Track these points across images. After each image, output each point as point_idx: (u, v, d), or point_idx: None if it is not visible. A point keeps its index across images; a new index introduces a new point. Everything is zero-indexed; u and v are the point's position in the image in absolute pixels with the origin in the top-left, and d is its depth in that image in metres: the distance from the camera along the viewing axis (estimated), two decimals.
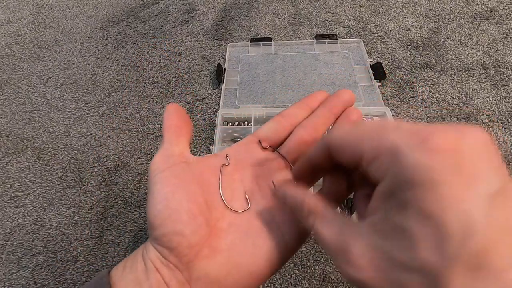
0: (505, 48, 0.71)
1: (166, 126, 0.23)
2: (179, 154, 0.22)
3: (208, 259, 0.20)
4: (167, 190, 0.20)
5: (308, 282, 0.45)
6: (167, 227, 0.19)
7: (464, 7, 0.81)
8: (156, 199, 0.20)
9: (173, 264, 0.19)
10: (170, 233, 0.19)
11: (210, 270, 0.19)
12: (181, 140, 0.23)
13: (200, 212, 0.20)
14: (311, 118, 0.24)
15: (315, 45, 0.75)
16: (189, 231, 0.19)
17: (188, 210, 0.20)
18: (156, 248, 0.20)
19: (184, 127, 0.24)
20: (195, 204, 0.20)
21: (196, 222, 0.20)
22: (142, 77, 0.73)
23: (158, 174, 0.21)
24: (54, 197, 0.55)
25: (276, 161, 0.24)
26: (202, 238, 0.20)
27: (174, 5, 0.89)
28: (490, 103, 0.62)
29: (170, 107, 0.24)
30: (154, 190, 0.20)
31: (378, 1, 0.85)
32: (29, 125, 0.65)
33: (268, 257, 0.20)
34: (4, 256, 0.50)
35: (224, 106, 0.65)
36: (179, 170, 0.21)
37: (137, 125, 0.64)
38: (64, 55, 0.78)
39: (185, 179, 0.21)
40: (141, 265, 0.20)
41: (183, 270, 0.19)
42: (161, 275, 0.19)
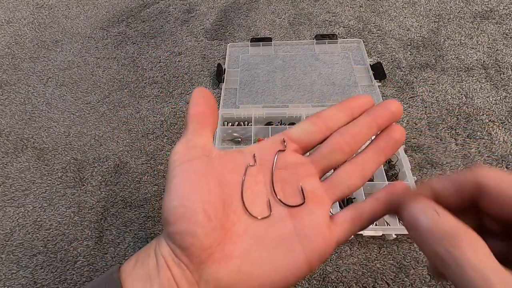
0: (505, 48, 0.71)
1: (192, 114, 0.21)
2: (202, 146, 0.21)
3: (220, 264, 0.19)
4: (185, 186, 0.19)
5: (308, 282, 0.45)
6: (181, 226, 0.18)
7: (464, 7, 0.81)
8: (173, 194, 0.19)
9: (184, 264, 0.19)
10: (183, 232, 0.18)
11: (220, 275, 0.18)
12: (206, 131, 0.21)
13: (215, 214, 0.19)
14: (352, 125, 0.21)
15: (315, 45, 0.75)
16: (202, 233, 0.18)
17: (204, 212, 0.18)
18: (169, 244, 0.19)
19: (210, 116, 0.21)
20: (211, 205, 0.19)
21: (210, 225, 0.18)
22: (142, 77, 0.73)
23: (178, 166, 0.20)
24: (54, 197, 0.55)
25: (305, 166, 0.21)
26: (215, 242, 0.19)
27: (174, 5, 0.89)
28: (490, 103, 0.62)
29: (198, 92, 0.21)
30: (172, 184, 0.19)
31: (378, 1, 0.85)
32: (29, 125, 0.65)
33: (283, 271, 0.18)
34: (4, 256, 0.50)
35: (224, 106, 0.65)
36: (200, 164, 0.20)
37: (137, 125, 0.64)
38: (64, 55, 0.78)
39: (205, 175, 0.19)
40: (152, 260, 0.19)
41: (194, 271, 0.19)
42: (171, 273, 0.19)
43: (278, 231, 0.19)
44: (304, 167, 0.21)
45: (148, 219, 0.53)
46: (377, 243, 0.48)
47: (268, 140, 0.22)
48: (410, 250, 0.47)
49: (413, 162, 0.55)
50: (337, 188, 0.21)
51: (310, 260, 0.18)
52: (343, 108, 0.22)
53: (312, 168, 0.21)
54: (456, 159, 0.55)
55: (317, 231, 0.19)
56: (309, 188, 0.20)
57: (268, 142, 0.22)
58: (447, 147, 0.57)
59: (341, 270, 0.46)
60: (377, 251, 0.47)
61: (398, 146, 0.21)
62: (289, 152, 0.21)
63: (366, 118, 0.21)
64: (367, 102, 0.22)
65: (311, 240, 0.19)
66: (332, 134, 0.21)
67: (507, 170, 0.53)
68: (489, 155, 0.55)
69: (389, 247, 0.47)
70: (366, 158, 0.21)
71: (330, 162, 0.21)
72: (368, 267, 0.46)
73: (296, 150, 0.22)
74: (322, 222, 0.19)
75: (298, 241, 0.19)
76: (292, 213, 0.20)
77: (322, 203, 0.20)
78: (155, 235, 0.51)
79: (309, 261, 0.18)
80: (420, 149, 0.57)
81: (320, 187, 0.21)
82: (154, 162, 0.59)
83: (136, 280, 0.19)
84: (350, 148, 0.21)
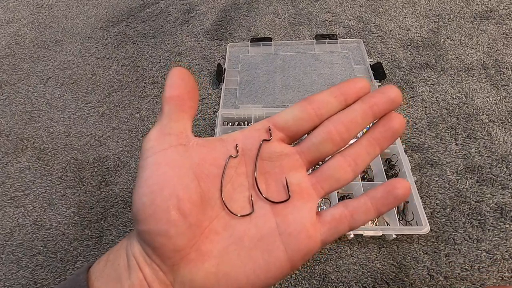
0: (505, 48, 0.71)
1: (167, 97, 0.19)
2: (178, 133, 0.19)
3: (195, 265, 0.17)
4: (156, 180, 0.17)
5: (308, 282, 0.45)
6: (151, 224, 0.17)
7: (464, 7, 0.81)
8: (143, 189, 0.17)
9: (156, 264, 0.17)
10: (153, 232, 0.17)
11: (196, 277, 0.17)
12: (183, 116, 0.19)
13: (191, 211, 0.17)
14: (346, 112, 0.19)
15: (315, 45, 0.75)
16: (175, 232, 0.17)
17: (177, 209, 0.17)
18: (140, 243, 0.18)
19: (188, 99, 0.19)
20: (186, 202, 0.17)
21: (185, 223, 0.17)
22: (142, 77, 0.73)
23: (149, 157, 0.18)
24: (54, 197, 0.55)
25: (291, 157, 0.19)
26: (190, 241, 0.17)
27: (174, 5, 0.89)
28: (490, 103, 0.62)
29: (175, 72, 0.19)
30: (142, 177, 0.17)
31: (378, 1, 0.85)
32: (29, 125, 0.65)
33: (263, 272, 0.17)
34: (4, 256, 0.50)
35: (224, 106, 0.65)
36: (175, 155, 0.18)
37: (137, 125, 0.64)
38: (64, 55, 0.78)
39: (180, 167, 0.17)
40: (123, 261, 0.18)
41: (167, 272, 0.17)
42: (143, 274, 0.17)
43: (259, 229, 0.18)
44: (290, 158, 0.19)
45: None
46: (377, 243, 0.48)
47: (252, 127, 0.20)
48: (410, 250, 0.47)
49: (413, 162, 0.55)
50: (325, 182, 0.19)
51: (292, 260, 0.17)
52: (337, 93, 0.19)
53: (299, 159, 0.19)
54: (456, 159, 0.55)
55: (301, 230, 0.17)
56: (294, 182, 0.19)
57: (252, 130, 0.20)
58: (447, 147, 0.57)
59: (341, 270, 0.46)
60: (377, 251, 0.47)
61: (396, 136, 0.19)
62: (274, 141, 0.19)
63: (361, 105, 0.19)
64: (363, 87, 0.19)
65: (294, 239, 0.17)
66: (323, 122, 0.19)
67: (507, 170, 0.53)
68: (489, 155, 0.55)
69: (389, 247, 0.47)
70: (359, 150, 0.19)
71: (319, 153, 0.19)
72: (368, 267, 0.46)
73: (283, 139, 0.19)
74: (307, 219, 0.18)
75: (280, 240, 0.17)
76: (275, 210, 0.18)
77: (308, 199, 0.18)
78: None
79: (292, 261, 0.17)
80: (420, 149, 0.57)
81: (307, 181, 0.19)
82: None
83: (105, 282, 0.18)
84: (341, 138, 0.19)
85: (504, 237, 0.47)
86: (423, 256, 0.46)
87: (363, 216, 0.18)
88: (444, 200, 0.51)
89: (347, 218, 0.18)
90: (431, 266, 0.45)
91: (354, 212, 0.18)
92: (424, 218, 0.46)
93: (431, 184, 0.53)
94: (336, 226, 0.18)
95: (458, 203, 0.50)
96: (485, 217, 0.49)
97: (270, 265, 0.17)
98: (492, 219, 0.49)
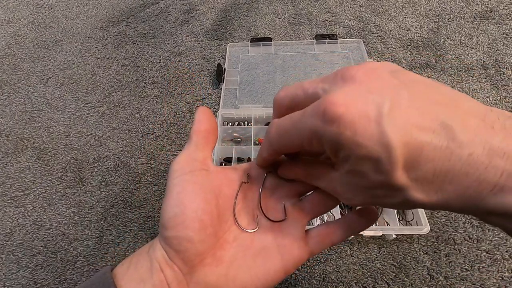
0: (505, 48, 0.71)
1: (196, 129, 0.23)
2: (202, 160, 0.23)
3: (210, 268, 0.21)
4: (186, 195, 0.21)
5: (308, 282, 0.45)
6: (179, 231, 0.20)
7: (464, 7, 0.81)
8: (174, 201, 0.21)
9: (177, 266, 0.21)
10: (180, 237, 0.20)
11: (209, 278, 0.21)
12: (207, 147, 0.24)
13: (211, 224, 0.21)
14: None
15: (315, 45, 0.75)
16: (198, 239, 0.21)
17: (201, 220, 0.21)
18: (164, 247, 0.21)
19: (212, 135, 0.24)
20: (208, 215, 0.21)
21: (206, 232, 0.21)
22: (142, 77, 0.73)
23: (180, 176, 0.22)
24: (54, 197, 0.55)
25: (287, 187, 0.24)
26: (209, 248, 0.21)
27: (174, 5, 0.89)
28: (490, 103, 0.62)
29: (203, 111, 0.24)
30: (174, 192, 0.21)
31: (378, 1, 0.85)
32: (29, 125, 0.65)
33: (263, 276, 0.21)
34: (4, 256, 0.50)
35: (224, 106, 0.65)
36: (200, 177, 0.22)
37: (137, 125, 0.64)
38: (64, 55, 0.78)
39: (204, 187, 0.22)
40: (146, 263, 0.21)
41: (186, 273, 0.21)
42: (164, 275, 0.21)
43: (261, 241, 0.22)
44: (286, 188, 0.24)
45: (148, 219, 0.53)
46: (377, 243, 0.48)
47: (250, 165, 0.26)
48: (410, 250, 0.47)
49: None
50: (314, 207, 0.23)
51: (286, 267, 0.22)
52: None
53: (293, 189, 0.24)
54: None
55: (293, 243, 0.22)
56: (289, 206, 0.23)
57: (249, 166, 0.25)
58: None
59: (341, 270, 0.46)
60: (377, 251, 0.47)
61: None
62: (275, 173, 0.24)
63: None
64: None
65: (288, 250, 0.22)
66: None
67: None
68: None
69: (389, 247, 0.47)
70: None
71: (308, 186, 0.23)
72: (368, 267, 0.46)
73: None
74: (298, 235, 0.22)
75: (278, 251, 0.22)
76: (274, 227, 0.23)
77: (299, 219, 0.23)
78: (155, 235, 0.51)
79: (286, 267, 0.22)
80: None
81: (298, 206, 0.23)
82: (154, 162, 0.59)
83: (129, 281, 0.21)
84: None
85: (504, 237, 0.47)
86: (423, 256, 0.46)
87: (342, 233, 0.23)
88: None
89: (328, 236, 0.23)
90: (431, 266, 0.45)
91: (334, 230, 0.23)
92: (424, 218, 0.46)
93: None
94: (321, 241, 0.23)
95: None
96: None
97: (270, 270, 0.21)
98: None
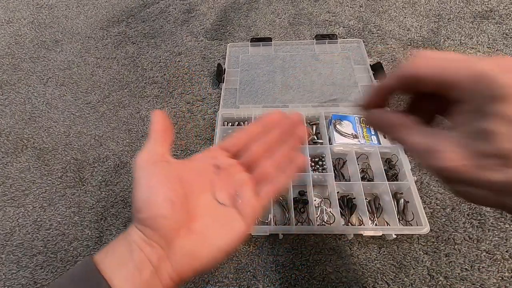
0: (505, 48, 0.71)
1: (154, 129, 0.28)
2: (162, 154, 0.27)
3: (185, 238, 0.25)
4: (154, 182, 0.25)
5: (308, 282, 0.45)
6: (154, 211, 0.24)
7: (464, 7, 0.81)
8: (145, 188, 0.25)
9: (155, 242, 0.24)
10: (156, 216, 0.24)
11: (186, 246, 0.25)
12: (165, 143, 0.28)
13: (180, 201, 0.25)
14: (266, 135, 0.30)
15: (315, 45, 0.75)
16: (171, 215, 0.24)
17: (171, 199, 0.25)
18: (140, 229, 0.24)
19: (168, 133, 0.29)
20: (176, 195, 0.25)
21: (177, 209, 0.25)
22: (142, 77, 0.73)
23: (145, 168, 0.26)
24: (54, 197, 0.55)
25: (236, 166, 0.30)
26: (182, 221, 0.25)
27: (174, 5, 0.89)
28: None
29: (158, 113, 0.29)
30: (142, 181, 0.25)
31: (378, 1, 0.85)
32: (29, 125, 0.65)
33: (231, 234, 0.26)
34: (4, 256, 0.50)
35: (224, 106, 0.65)
36: (163, 166, 0.27)
37: (137, 125, 0.64)
38: (64, 55, 0.78)
39: (167, 174, 0.26)
40: (124, 248, 0.24)
41: (165, 247, 0.24)
42: (144, 254, 0.24)
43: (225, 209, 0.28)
44: (236, 167, 0.30)
45: None
46: (377, 243, 0.48)
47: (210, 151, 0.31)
48: (410, 250, 0.47)
49: (413, 162, 0.55)
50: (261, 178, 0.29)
51: (248, 223, 0.27)
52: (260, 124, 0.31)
53: (241, 167, 0.30)
54: None
55: (249, 204, 0.27)
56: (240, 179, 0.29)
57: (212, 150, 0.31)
58: None
59: (341, 270, 0.46)
60: (377, 251, 0.47)
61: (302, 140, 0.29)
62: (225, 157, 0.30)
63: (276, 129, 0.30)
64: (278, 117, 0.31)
65: (246, 211, 0.27)
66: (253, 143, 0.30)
67: None
68: None
69: (389, 247, 0.47)
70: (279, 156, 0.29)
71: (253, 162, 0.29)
72: (368, 267, 0.46)
73: (230, 156, 0.30)
74: (251, 198, 0.28)
75: (239, 213, 0.27)
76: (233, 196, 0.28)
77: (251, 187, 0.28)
78: None
79: (247, 224, 0.27)
80: None
81: (248, 178, 0.29)
82: None
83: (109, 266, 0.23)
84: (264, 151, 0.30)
85: (504, 237, 0.47)
86: (423, 256, 0.46)
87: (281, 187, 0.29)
88: (444, 200, 0.51)
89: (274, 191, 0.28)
90: (431, 266, 0.45)
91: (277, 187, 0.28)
92: (424, 218, 0.46)
93: (431, 184, 0.53)
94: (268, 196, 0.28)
95: (458, 203, 0.50)
96: (485, 217, 0.49)
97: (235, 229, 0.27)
98: (492, 219, 0.49)
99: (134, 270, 0.23)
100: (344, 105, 0.62)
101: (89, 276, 0.23)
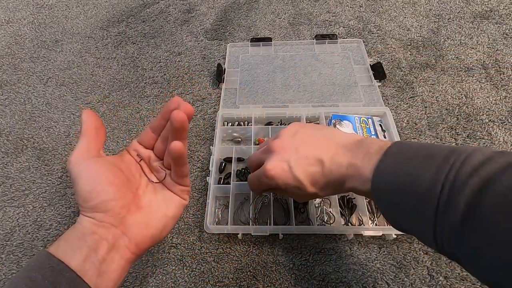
0: (505, 48, 0.71)
1: (86, 127, 0.30)
2: (96, 151, 0.30)
3: (136, 212, 0.30)
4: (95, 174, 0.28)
5: (308, 282, 0.45)
6: (101, 197, 0.27)
7: (464, 7, 0.81)
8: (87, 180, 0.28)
9: (108, 223, 0.28)
10: (105, 200, 0.28)
11: (137, 219, 0.30)
12: (98, 141, 0.31)
13: (123, 184, 0.30)
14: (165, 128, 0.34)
15: (315, 45, 0.75)
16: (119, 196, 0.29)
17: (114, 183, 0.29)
18: (91, 216, 0.27)
19: (100, 130, 0.31)
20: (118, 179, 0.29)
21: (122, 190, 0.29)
22: (142, 77, 0.73)
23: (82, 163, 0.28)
24: (54, 197, 0.55)
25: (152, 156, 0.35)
26: (129, 200, 0.30)
27: (174, 5, 0.89)
28: (490, 103, 0.62)
29: (88, 113, 0.31)
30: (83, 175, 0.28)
31: (378, 1, 0.85)
32: (29, 125, 0.65)
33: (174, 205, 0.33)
34: (4, 256, 0.50)
35: (224, 106, 0.65)
36: (97, 162, 0.29)
37: (137, 125, 0.64)
38: (64, 55, 0.78)
39: (104, 164, 0.30)
40: (75, 236, 0.27)
41: (119, 224, 0.28)
42: (98, 235, 0.27)
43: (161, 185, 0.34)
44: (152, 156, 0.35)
45: None
46: (377, 243, 0.48)
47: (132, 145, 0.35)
48: (410, 250, 0.47)
49: None
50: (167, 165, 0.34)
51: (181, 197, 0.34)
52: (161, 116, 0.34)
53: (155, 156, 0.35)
54: None
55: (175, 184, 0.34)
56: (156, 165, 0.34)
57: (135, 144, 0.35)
58: None
59: (341, 270, 0.46)
60: (377, 251, 0.47)
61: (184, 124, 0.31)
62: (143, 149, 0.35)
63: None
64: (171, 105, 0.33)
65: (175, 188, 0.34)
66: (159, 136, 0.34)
67: None
68: None
69: (389, 247, 0.47)
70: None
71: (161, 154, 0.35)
72: (368, 267, 0.46)
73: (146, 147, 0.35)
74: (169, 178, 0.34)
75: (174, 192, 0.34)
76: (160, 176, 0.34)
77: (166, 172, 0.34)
78: None
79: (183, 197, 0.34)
80: None
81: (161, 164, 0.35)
82: None
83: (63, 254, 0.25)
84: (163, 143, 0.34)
85: None
86: (423, 256, 0.46)
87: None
88: None
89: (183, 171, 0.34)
90: (431, 266, 0.45)
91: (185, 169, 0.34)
92: None
93: None
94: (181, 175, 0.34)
95: None
96: None
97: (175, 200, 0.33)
98: None
99: (89, 251, 0.26)
100: (344, 105, 0.62)
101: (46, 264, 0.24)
